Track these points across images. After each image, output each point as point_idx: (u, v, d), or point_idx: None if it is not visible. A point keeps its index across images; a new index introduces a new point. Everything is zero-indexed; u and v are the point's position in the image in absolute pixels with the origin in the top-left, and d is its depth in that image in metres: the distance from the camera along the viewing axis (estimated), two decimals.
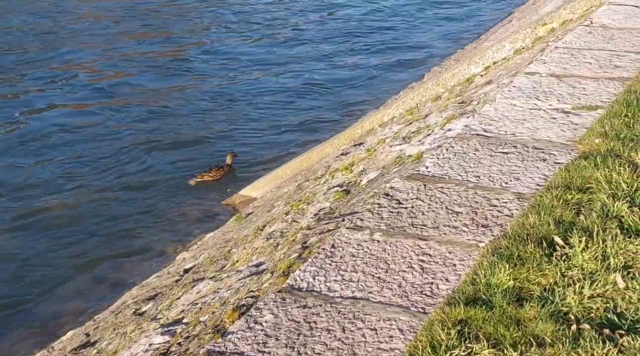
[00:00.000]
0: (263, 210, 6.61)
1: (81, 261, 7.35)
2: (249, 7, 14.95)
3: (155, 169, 9.09)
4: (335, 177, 5.97)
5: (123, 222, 8.01)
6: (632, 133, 4.01)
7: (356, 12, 14.75)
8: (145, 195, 8.52)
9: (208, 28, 13.96)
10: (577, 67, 5.25)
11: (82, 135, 9.91)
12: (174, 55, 12.67)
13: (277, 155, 9.25)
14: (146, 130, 10.02)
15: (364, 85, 11.44)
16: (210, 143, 9.68)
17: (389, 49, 12.81)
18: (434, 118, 5.91)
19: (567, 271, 2.99)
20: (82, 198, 8.44)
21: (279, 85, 11.43)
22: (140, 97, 11.02)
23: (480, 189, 3.79)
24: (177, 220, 8.05)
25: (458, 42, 12.90)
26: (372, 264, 3.27)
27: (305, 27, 13.94)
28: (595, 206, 3.38)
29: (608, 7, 6.59)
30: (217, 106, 10.74)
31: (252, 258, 4.57)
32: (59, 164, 9.18)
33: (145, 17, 14.55)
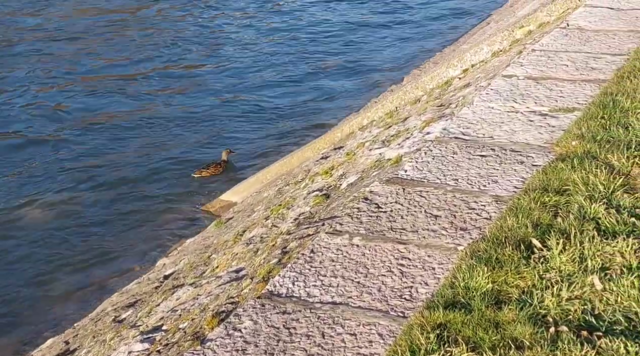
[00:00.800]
0: (243, 215, 6.59)
1: (60, 268, 7.30)
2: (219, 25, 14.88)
3: (135, 175, 9.05)
4: (315, 181, 5.96)
5: (103, 228, 7.97)
6: (608, 135, 4.04)
7: (335, 18, 14.76)
8: (125, 201, 8.49)
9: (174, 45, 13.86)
10: (554, 70, 5.28)
11: (57, 140, 9.84)
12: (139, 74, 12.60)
13: (258, 161, 9.25)
14: (124, 138, 9.95)
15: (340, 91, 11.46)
16: (187, 152, 9.63)
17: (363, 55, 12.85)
18: (413, 121, 5.92)
19: (545, 274, 3.00)
20: (61, 205, 8.39)
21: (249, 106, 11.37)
22: (104, 113, 10.85)
23: (458, 192, 3.80)
24: (157, 225, 8.02)
25: (439, 44, 12.96)
26: (351, 269, 3.27)
27: (283, 29, 13.94)
28: (572, 208, 3.40)
29: (584, 9, 6.63)
30: (195, 117, 10.69)
31: (232, 263, 4.55)
32: (35, 171, 9.12)
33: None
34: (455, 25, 13.92)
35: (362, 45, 13.23)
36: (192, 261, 5.60)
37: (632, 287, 2.85)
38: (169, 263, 6.33)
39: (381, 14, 14.71)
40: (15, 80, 11.78)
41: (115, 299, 6.06)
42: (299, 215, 4.89)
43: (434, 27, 13.99)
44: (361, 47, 13.14)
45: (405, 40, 13.37)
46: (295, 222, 4.73)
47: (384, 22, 14.35)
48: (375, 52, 12.93)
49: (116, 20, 14.50)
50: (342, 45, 13.21)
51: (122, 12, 14.98)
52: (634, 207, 3.40)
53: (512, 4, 13.83)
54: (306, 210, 4.93)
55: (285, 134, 10.02)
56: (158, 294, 5.01)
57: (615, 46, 5.63)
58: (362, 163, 5.47)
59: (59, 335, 5.96)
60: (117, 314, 5.17)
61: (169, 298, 4.58)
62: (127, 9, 15.24)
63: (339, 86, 11.52)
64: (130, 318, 4.79)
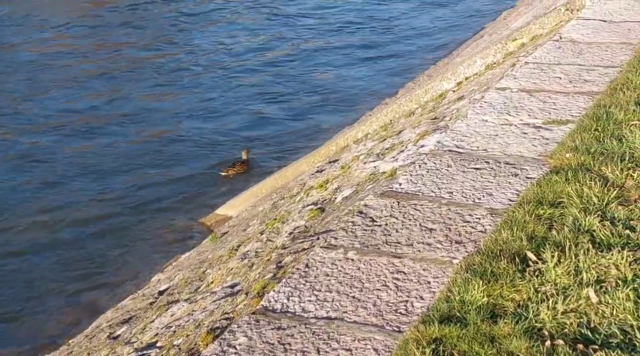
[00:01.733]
0: (238, 230, 6.58)
1: (55, 284, 7.28)
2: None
3: (129, 190, 9.03)
4: (310, 194, 5.96)
5: (98, 243, 7.94)
6: (602, 147, 4.05)
7: (329, 28, 14.79)
8: (119, 216, 8.46)
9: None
10: (547, 82, 5.30)
11: (50, 158, 9.80)
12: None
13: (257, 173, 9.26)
14: (117, 153, 9.93)
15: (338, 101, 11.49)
16: (182, 166, 9.61)
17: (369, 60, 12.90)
18: (407, 134, 5.93)
19: (541, 287, 3.00)
20: (55, 220, 8.36)
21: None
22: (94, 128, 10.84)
23: (453, 205, 3.80)
24: (152, 240, 8.00)
25: (432, 57, 12.99)
26: (346, 283, 3.26)
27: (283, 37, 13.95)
28: (567, 221, 3.40)
29: (577, 22, 6.66)
30: (189, 130, 10.69)
31: (227, 279, 4.54)
32: (29, 187, 9.09)
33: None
34: (448, 38, 13.95)
35: (355, 56, 13.26)
36: (187, 276, 5.58)
37: (627, 300, 2.85)
38: (164, 279, 6.31)
39: (374, 27, 14.73)
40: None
41: (110, 315, 6.04)
42: (294, 229, 4.88)
43: (428, 39, 14.03)
44: (354, 58, 13.17)
45: (400, 53, 13.40)
46: (290, 236, 4.72)
47: (377, 34, 14.38)
48: (369, 62, 12.95)
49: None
50: (334, 56, 13.23)
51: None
52: (628, 219, 3.40)
53: (505, 17, 13.89)
54: (301, 224, 4.93)
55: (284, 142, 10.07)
56: (153, 310, 4.99)
57: (607, 58, 5.65)
58: (357, 176, 5.47)
59: (53, 352, 5.92)
60: (112, 331, 5.15)
61: (163, 314, 4.56)
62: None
63: (331, 98, 11.53)
64: (124, 335, 4.77)
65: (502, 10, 14.72)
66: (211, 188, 8.96)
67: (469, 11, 15.40)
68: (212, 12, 15.31)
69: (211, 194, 8.82)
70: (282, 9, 15.60)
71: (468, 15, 15.23)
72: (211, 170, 9.37)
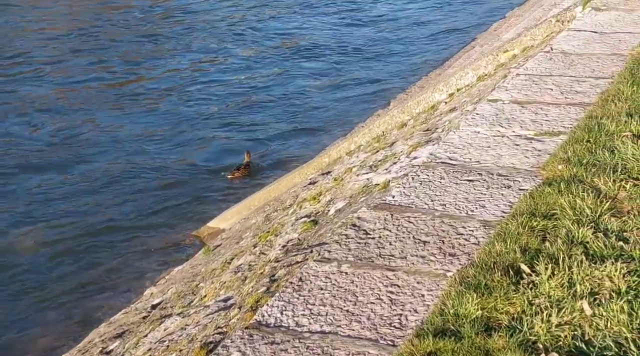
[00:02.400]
0: (231, 242, 6.56)
1: (47, 298, 7.23)
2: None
3: (121, 202, 9.00)
4: (303, 207, 5.95)
5: (90, 257, 7.90)
6: (594, 158, 4.06)
7: (324, 36, 14.81)
8: (111, 229, 8.43)
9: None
10: (539, 94, 5.31)
11: (39, 170, 9.75)
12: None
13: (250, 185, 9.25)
14: (107, 166, 9.89)
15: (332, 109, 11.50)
16: (174, 177, 9.59)
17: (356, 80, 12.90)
18: (400, 146, 5.93)
19: (535, 300, 2.99)
20: (46, 235, 8.32)
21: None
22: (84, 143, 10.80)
23: (446, 217, 3.79)
24: (144, 253, 7.96)
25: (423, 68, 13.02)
26: (340, 297, 3.25)
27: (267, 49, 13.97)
28: (560, 232, 3.40)
29: (567, 33, 6.69)
30: (181, 141, 10.67)
31: (220, 292, 4.52)
32: (19, 201, 9.04)
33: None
34: (440, 49, 14.00)
35: (348, 67, 13.28)
36: (180, 290, 5.55)
37: (621, 312, 2.85)
38: (157, 292, 6.28)
39: (366, 38, 14.78)
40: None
41: (102, 330, 6.00)
42: (287, 242, 4.87)
43: (419, 50, 14.06)
44: (346, 70, 13.20)
45: (391, 64, 13.43)
46: (283, 249, 4.71)
47: (371, 44, 14.41)
48: (361, 73, 12.97)
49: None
50: (325, 69, 13.25)
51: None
52: (621, 231, 3.40)
53: (496, 28, 13.95)
54: (294, 237, 4.91)
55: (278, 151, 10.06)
56: (146, 324, 4.96)
57: (599, 69, 5.67)
58: (350, 188, 5.46)
59: None
60: (105, 345, 5.11)
61: (156, 329, 4.54)
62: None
63: (323, 110, 11.54)
64: (117, 350, 4.74)
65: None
66: (203, 201, 8.95)
67: (460, 23, 15.47)
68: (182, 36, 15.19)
69: (203, 207, 8.80)
70: (267, 29, 15.64)
71: (459, 26, 15.28)
72: (202, 183, 9.35)
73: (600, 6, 7.37)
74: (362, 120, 10.73)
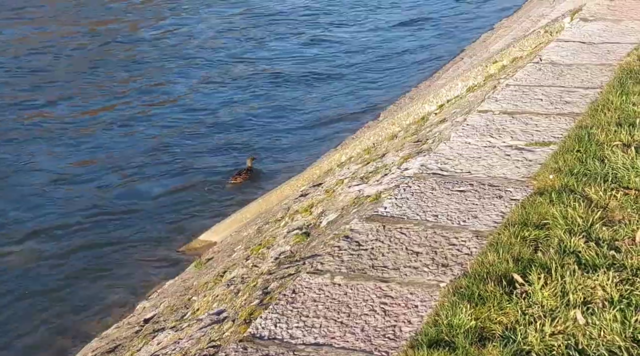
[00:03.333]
0: (223, 255, 6.55)
1: (38, 314, 7.18)
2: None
3: (112, 215, 8.98)
4: (295, 219, 5.95)
5: (81, 271, 7.87)
6: (585, 168, 4.08)
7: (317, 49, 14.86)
8: (102, 243, 8.39)
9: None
10: (529, 104, 5.34)
11: (30, 184, 9.72)
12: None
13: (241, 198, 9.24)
14: (95, 179, 9.87)
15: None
16: (164, 189, 9.57)
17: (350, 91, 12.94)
18: (391, 157, 5.95)
19: (528, 309, 3.00)
20: (37, 249, 8.29)
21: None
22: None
23: (439, 228, 3.80)
24: (136, 267, 7.93)
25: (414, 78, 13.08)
26: (333, 309, 3.25)
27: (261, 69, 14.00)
28: (552, 242, 3.41)
29: (556, 44, 6.73)
30: (172, 152, 10.67)
31: (213, 305, 4.51)
32: (8, 213, 8.99)
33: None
34: (429, 60, 14.05)
35: (336, 79, 13.32)
36: (172, 303, 5.54)
37: (614, 321, 2.86)
38: (149, 306, 6.25)
39: (354, 50, 14.83)
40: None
41: (95, 345, 5.97)
42: (280, 254, 4.86)
43: (409, 62, 14.12)
44: (336, 81, 13.23)
45: (381, 75, 13.47)
46: (276, 262, 4.70)
47: (360, 55, 14.46)
48: (350, 84, 13.01)
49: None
50: (314, 81, 13.28)
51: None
52: (613, 240, 3.42)
53: (484, 39, 14.02)
54: (287, 249, 4.91)
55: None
56: (138, 339, 4.94)
57: (588, 79, 5.71)
58: (342, 200, 5.47)
59: None
60: None
61: (149, 343, 4.52)
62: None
63: (312, 122, 11.56)
64: None
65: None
66: (194, 214, 8.93)
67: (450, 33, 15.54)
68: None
69: (194, 220, 8.78)
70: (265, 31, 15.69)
71: (447, 37, 15.35)
72: (193, 196, 9.33)
73: (588, 17, 7.42)
74: (353, 131, 10.76)
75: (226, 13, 17.02)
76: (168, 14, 17.03)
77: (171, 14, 17.04)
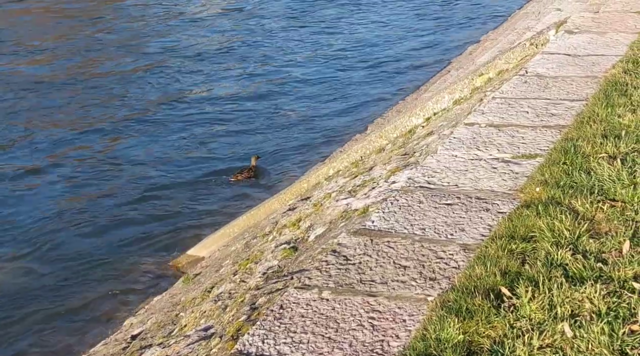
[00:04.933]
0: (211, 271, 6.52)
1: (26, 329, 7.13)
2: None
3: (99, 230, 8.93)
4: (282, 233, 5.94)
5: (68, 287, 7.81)
6: (571, 180, 4.09)
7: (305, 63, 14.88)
8: (88, 258, 8.35)
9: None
10: (515, 117, 5.36)
11: (11, 201, 9.65)
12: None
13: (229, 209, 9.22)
14: (82, 194, 9.82)
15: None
16: (154, 202, 9.54)
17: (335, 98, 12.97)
18: (379, 171, 5.95)
19: (516, 323, 3.00)
20: (24, 263, 8.23)
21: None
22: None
23: (426, 242, 3.80)
24: (124, 283, 7.89)
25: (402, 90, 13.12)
26: (321, 324, 3.23)
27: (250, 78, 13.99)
28: (539, 255, 3.41)
29: (541, 56, 6.76)
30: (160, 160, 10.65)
31: (201, 322, 4.48)
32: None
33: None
34: (416, 73, 14.10)
35: (325, 91, 13.34)
36: (159, 320, 5.50)
37: (602, 333, 2.86)
38: (137, 323, 6.21)
39: (341, 63, 14.86)
40: None
41: None
42: (267, 269, 4.85)
43: (396, 74, 14.15)
44: (323, 94, 13.25)
45: (367, 88, 13.50)
46: (263, 277, 4.69)
47: (347, 68, 14.49)
48: (339, 97, 13.03)
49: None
50: (304, 94, 13.30)
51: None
52: (600, 252, 3.42)
53: (471, 51, 14.08)
54: (274, 264, 4.90)
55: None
56: (126, 355, 4.90)
57: (573, 92, 5.73)
58: (330, 214, 5.46)
59: None
60: None
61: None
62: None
63: (303, 134, 11.56)
64: None
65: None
66: (182, 229, 8.89)
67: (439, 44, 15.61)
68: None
69: (182, 235, 8.74)
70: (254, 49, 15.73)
71: (434, 48, 15.41)
72: (181, 211, 9.30)
73: (573, 29, 7.47)
74: (341, 144, 10.76)
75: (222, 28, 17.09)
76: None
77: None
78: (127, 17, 17.51)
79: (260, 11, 18.06)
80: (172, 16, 17.62)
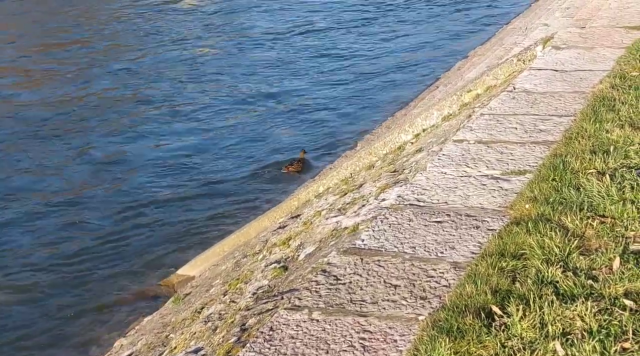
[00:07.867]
0: (201, 290, 6.48)
1: (15, 350, 7.07)
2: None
3: (88, 251, 8.88)
4: (272, 252, 5.91)
5: (57, 307, 7.76)
6: (560, 196, 4.09)
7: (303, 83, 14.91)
8: (79, 277, 8.29)
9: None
10: (504, 133, 5.36)
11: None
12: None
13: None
14: (72, 212, 9.77)
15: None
16: (141, 225, 9.49)
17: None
18: (368, 188, 5.94)
19: (507, 342, 2.98)
20: (12, 283, 8.17)
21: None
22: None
23: (416, 260, 3.78)
24: (113, 303, 7.84)
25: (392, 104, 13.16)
26: (312, 345, 3.21)
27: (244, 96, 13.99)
28: (530, 272, 3.40)
29: (529, 72, 6.78)
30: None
31: (191, 343, 4.45)
32: None
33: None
34: (405, 89, 14.12)
35: (312, 107, 13.35)
36: (150, 341, 5.46)
37: (594, 352, 2.85)
38: (127, 344, 6.17)
39: (331, 79, 14.89)
40: None
41: None
42: (258, 289, 4.82)
43: (385, 89, 14.17)
44: (313, 107, 13.27)
45: (356, 104, 13.51)
46: (253, 297, 4.66)
47: (334, 83, 14.51)
48: (327, 114, 13.04)
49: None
50: (291, 109, 13.31)
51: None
52: (590, 269, 3.42)
53: (459, 67, 14.14)
54: (264, 284, 4.87)
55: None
56: None
57: (561, 107, 5.75)
58: (320, 232, 5.44)
59: None
60: None
61: None
62: None
63: (292, 152, 11.56)
64: None
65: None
66: (172, 248, 8.85)
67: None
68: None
69: (173, 254, 8.70)
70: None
71: (422, 63, 15.46)
72: (171, 230, 9.26)
73: (560, 44, 7.50)
74: (330, 161, 10.77)
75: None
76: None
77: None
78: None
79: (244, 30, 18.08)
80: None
